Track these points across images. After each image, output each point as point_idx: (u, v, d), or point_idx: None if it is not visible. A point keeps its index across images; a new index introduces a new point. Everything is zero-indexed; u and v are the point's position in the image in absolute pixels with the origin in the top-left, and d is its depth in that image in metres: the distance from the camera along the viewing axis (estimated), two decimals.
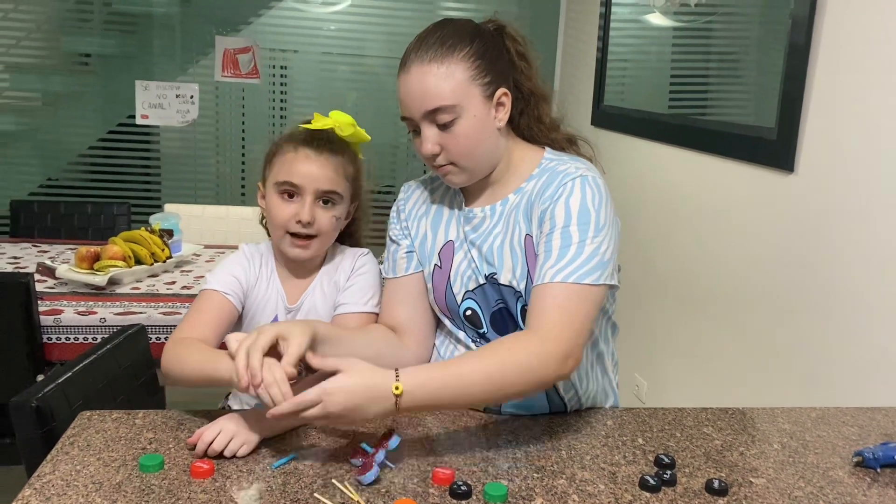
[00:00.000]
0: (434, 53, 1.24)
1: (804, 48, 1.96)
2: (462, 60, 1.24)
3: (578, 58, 3.82)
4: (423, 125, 1.27)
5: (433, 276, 1.38)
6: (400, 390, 1.06)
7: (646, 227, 2.93)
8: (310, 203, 1.38)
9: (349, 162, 1.44)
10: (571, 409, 1.37)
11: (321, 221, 1.40)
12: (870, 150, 1.78)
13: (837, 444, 1.25)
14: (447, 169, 1.31)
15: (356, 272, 1.47)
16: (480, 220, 1.35)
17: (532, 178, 1.33)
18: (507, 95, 1.30)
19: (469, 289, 1.34)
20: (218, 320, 1.38)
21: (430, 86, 1.24)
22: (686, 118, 2.73)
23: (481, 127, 1.27)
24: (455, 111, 1.24)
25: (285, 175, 1.38)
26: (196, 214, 3.24)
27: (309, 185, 1.38)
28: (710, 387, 2.46)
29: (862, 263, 1.79)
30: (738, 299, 2.30)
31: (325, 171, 1.39)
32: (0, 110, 4.09)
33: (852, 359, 1.82)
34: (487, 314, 1.33)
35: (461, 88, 1.24)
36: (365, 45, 4.20)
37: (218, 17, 4.06)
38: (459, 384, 1.12)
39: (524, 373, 1.14)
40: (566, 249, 1.21)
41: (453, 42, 1.25)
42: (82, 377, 1.41)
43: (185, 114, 3.94)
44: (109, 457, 1.08)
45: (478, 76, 1.25)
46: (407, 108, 1.28)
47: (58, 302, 2.16)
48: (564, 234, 1.22)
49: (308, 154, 1.39)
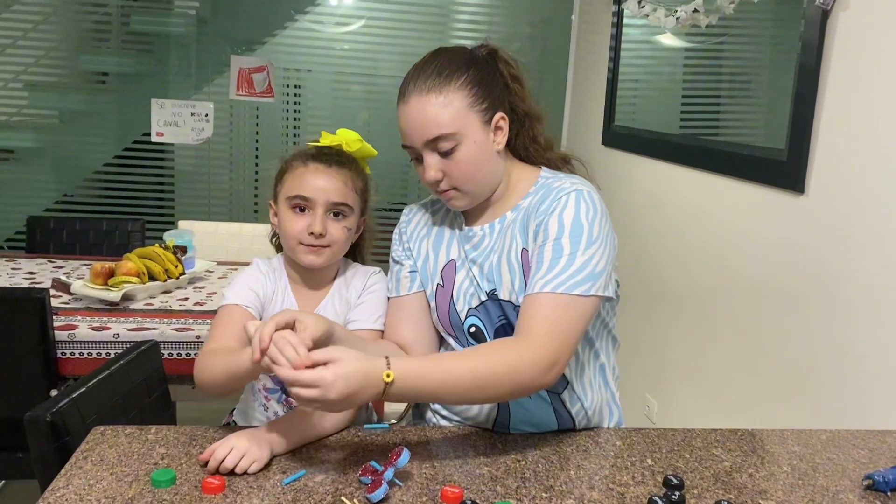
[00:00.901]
0: (432, 83, 1.28)
1: (814, 70, 1.97)
2: (460, 89, 1.28)
3: (589, 78, 3.85)
4: (425, 153, 1.31)
5: (436, 295, 1.41)
6: (391, 378, 1.09)
7: (656, 246, 2.93)
8: (321, 215, 1.40)
9: (357, 176, 1.46)
10: (579, 424, 1.37)
11: (333, 233, 1.42)
12: (879, 172, 1.78)
13: (847, 467, 1.24)
14: (450, 194, 1.35)
15: (367, 290, 1.48)
16: (480, 239, 1.38)
17: (529, 196, 1.37)
18: (505, 119, 1.34)
19: (472, 306, 1.37)
20: (242, 332, 1.39)
21: (429, 115, 1.27)
22: (696, 139, 2.74)
23: (481, 152, 1.31)
24: (455, 138, 1.28)
25: (297, 189, 1.41)
26: (209, 231, 3.26)
27: (320, 197, 1.40)
28: (721, 407, 2.45)
29: (873, 284, 1.79)
30: (748, 319, 2.29)
31: (335, 184, 1.41)
32: (18, 127, 4.15)
33: (863, 381, 1.81)
34: (491, 330, 1.36)
35: (460, 116, 1.28)
36: (377, 65, 4.25)
37: (233, 36, 4.12)
38: (445, 378, 1.15)
39: (509, 376, 1.17)
40: (557, 261, 1.24)
41: (450, 71, 1.29)
42: (96, 392, 1.43)
43: (200, 132, 3.98)
44: (122, 471, 1.09)
45: (475, 103, 1.29)
46: (408, 137, 1.32)
47: (72, 317, 2.18)
48: (556, 246, 1.26)
49: (318, 167, 1.42)
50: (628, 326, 3.05)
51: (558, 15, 4.19)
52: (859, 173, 1.85)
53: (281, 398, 1.46)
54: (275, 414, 1.47)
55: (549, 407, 1.35)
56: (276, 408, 1.47)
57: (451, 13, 4.26)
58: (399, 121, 1.32)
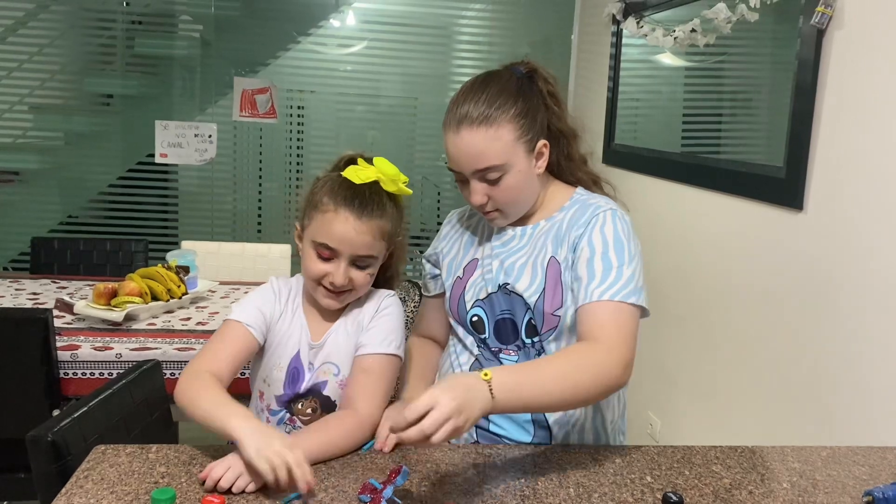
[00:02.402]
0: (483, 115, 1.33)
1: (810, 88, 1.99)
2: (509, 122, 1.34)
3: (590, 97, 3.87)
4: (472, 180, 1.38)
5: (453, 286, 1.49)
6: (489, 376, 1.13)
7: (657, 264, 2.94)
8: (344, 267, 1.38)
9: (388, 221, 1.41)
10: (556, 434, 1.40)
11: (355, 279, 1.40)
12: (877, 187, 1.79)
13: (847, 484, 1.24)
14: (493, 215, 1.43)
15: (379, 313, 1.46)
16: (510, 238, 1.46)
17: (564, 210, 1.44)
18: (546, 146, 1.42)
19: (479, 298, 1.44)
20: (237, 352, 1.39)
21: (480, 148, 1.34)
22: (696, 157, 2.76)
23: (525, 178, 1.39)
24: (503, 169, 1.35)
25: (323, 237, 1.37)
26: (212, 251, 3.28)
27: (346, 249, 1.37)
28: (725, 425, 2.44)
29: (872, 299, 1.79)
30: (750, 336, 2.29)
31: (363, 238, 1.37)
32: (23, 149, 4.18)
33: (863, 397, 1.81)
34: (492, 322, 1.43)
35: (508, 149, 1.35)
36: (380, 86, 4.28)
37: (237, 58, 4.16)
38: (541, 381, 1.20)
39: (595, 377, 1.23)
40: (608, 272, 1.32)
41: (500, 103, 1.34)
42: (97, 412, 1.44)
43: (204, 153, 4.01)
44: (123, 490, 1.10)
45: (522, 136, 1.36)
46: (457, 163, 1.38)
47: (75, 337, 2.20)
48: (605, 259, 1.33)
49: (348, 217, 1.36)
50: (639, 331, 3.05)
51: (558, 35, 4.23)
52: (857, 189, 1.86)
53: (283, 418, 1.45)
54: None
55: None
56: (279, 428, 1.46)
57: (452, 34, 4.30)
58: (447, 146, 1.38)
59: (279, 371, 1.43)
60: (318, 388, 1.43)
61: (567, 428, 1.41)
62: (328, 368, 1.43)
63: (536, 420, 1.40)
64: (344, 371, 1.43)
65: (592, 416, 1.43)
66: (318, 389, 1.43)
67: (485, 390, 1.12)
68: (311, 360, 1.44)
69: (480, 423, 1.40)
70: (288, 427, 1.45)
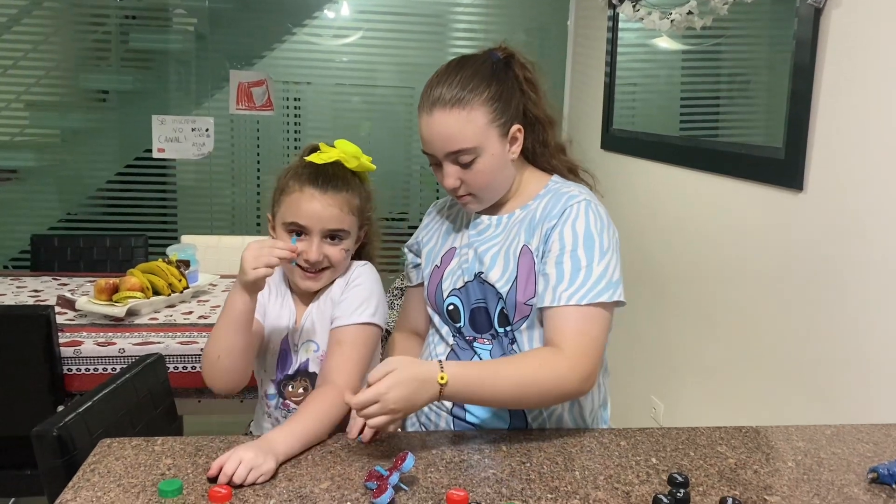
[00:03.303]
0: (456, 98, 1.32)
1: (809, 68, 1.98)
2: (482, 105, 1.33)
3: (587, 83, 3.86)
4: (445, 163, 1.37)
5: (431, 274, 1.49)
6: (445, 380, 1.17)
7: (658, 248, 2.94)
8: (317, 243, 1.42)
9: (354, 195, 1.46)
10: (532, 421, 1.40)
11: (331, 255, 1.44)
12: (877, 166, 1.79)
13: (852, 461, 1.24)
14: (466, 199, 1.42)
15: (350, 285, 1.48)
16: (485, 227, 1.46)
17: (538, 198, 1.43)
18: (521, 131, 1.40)
19: (456, 287, 1.44)
20: None
21: (452, 130, 1.33)
22: (695, 140, 2.75)
23: (498, 163, 1.38)
24: (475, 152, 1.34)
25: (292, 216, 1.42)
26: (212, 245, 3.28)
27: (315, 224, 1.41)
28: (727, 407, 2.45)
29: (873, 278, 1.79)
30: (751, 318, 2.29)
31: (330, 211, 1.42)
32: (20, 147, 4.17)
33: (866, 375, 1.81)
34: (467, 311, 1.43)
35: (481, 132, 1.34)
36: (376, 76, 4.27)
37: (232, 51, 4.15)
38: (494, 383, 1.23)
39: (550, 387, 1.26)
40: (577, 273, 1.31)
41: (473, 86, 1.33)
42: (102, 407, 1.44)
43: (201, 147, 4.00)
44: (129, 483, 1.10)
45: (496, 119, 1.35)
46: (430, 146, 1.37)
47: (77, 333, 2.20)
48: (574, 258, 1.32)
49: (313, 193, 1.41)
50: (632, 329, 3.05)
51: (554, 21, 4.21)
52: (857, 169, 1.85)
53: (279, 403, 1.50)
54: (276, 420, 1.50)
55: None
56: (277, 414, 1.51)
57: (448, 22, 4.28)
58: (421, 129, 1.37)
59: (272, 356, 1.49)
60: (305, 366, 1.48)
61: (542, 418, 1.41)
62: (308, 346, 1.48)
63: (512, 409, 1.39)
64: (323, 346, 1.47)
65: (570, 407, 1.43)
66: (305, 368, 1.48)
67: (434, 387, 1.17)
68: (295, 340, 1.49)
69: (456, 413, 1.42)
70: (283, 412, 1.50)
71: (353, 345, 1.41)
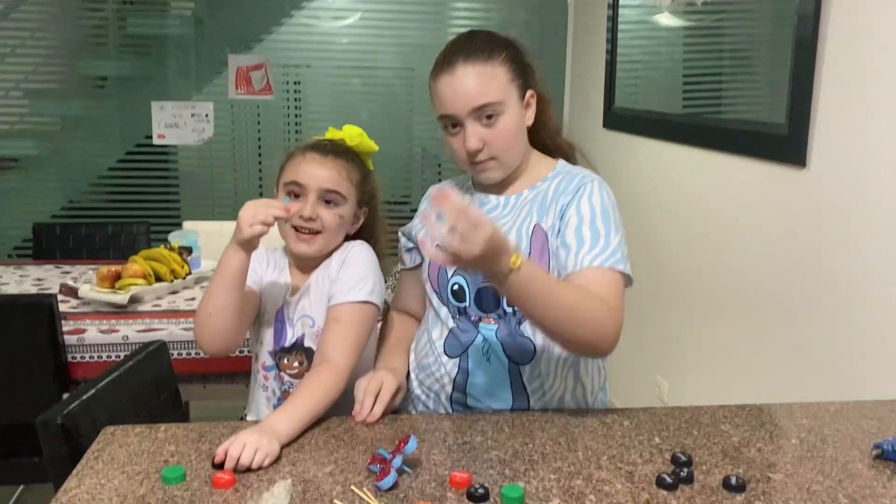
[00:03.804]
0: (478, 56, 1.34)
1: (811, 43, 1.96)
2: (503, 63, 1.36)
3: (588, 61, 3.83)
4: (468, 122, 1.35)
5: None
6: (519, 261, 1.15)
7: (661, 227, 2.92)
8: (312, 201, 1.45)
9: (354, 167, 1.51)
10: (534, 404, 1.40)
11: (325, 218, 1.46)
12: (880, 141, 1.77)
13: (856, 438, 1.24)
14: (488, 164, 1.39)
15: (346, 263, 1.49)
16: (493, 207, 1.45)
17: (547, 180, 1.44)
18: (534, 97, 1.42)
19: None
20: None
21: (478, 83, 1.33)
22: (697, 117, 2.73)
23: (518, 124, 1.39)
24: (499, 108, 1.34)
25: (292, 176, 1.47)
26: (214, 231, 3.27)
27: (312, 183, 1.45)
28: (732, 385, 2.45)
29: (877, 255, 1.78)
30: (755, 295, 2.29)
31: (328, 172, 1.47)
32: (21, 135, 4.17)
33: (871, 352, 1.81)
34: (473, 290, 1.41)
35: (504, 88, 1.35)
36: (376, 58, 4.24)
37: (230, 35, 4.12)
38: (556, 291, 1.23)
39: (594, 319, 1.25)
40: (597, 239, 1.32)
41: (492, 47, 1.36)
42: (106, 394, 1.44)
43: (201, 132, 3.99)
44: (133, 470, 1.10)
45: (515, 78, 1.37)
46: (452, 105, 1.35)
47: (81, 321, 2.20)
48: (593, 228, 1.34)
49: (314, 156, 1.48)
50: (636, 308, 3.05)
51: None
52: (860, 143, 1.84)
53: (276, 375, 1.52)
54: (272, 392, 1.53)
55: (506, 373, 1.39)
56: (273, 385, 1.53)
57: (447, 2, 4.25)
58: (440, 92, 1.36)
59: (268, 327, 1.52)
60: (301, 341, 1.49)
61: (545, 399, 1.41)
62: (305, 321, 1.49)
63: (514, 390, 1.40)
64: (319, 322, 1.48)
65: (573, 388, 1.43)
66: (301, 343, 1.49)
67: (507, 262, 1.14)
68: (290, 314, 1.50)
69: (456, 399, 1.42)
70: (279, 383, 1.52)
71: (350, 323, 1.42)
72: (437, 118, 1.39)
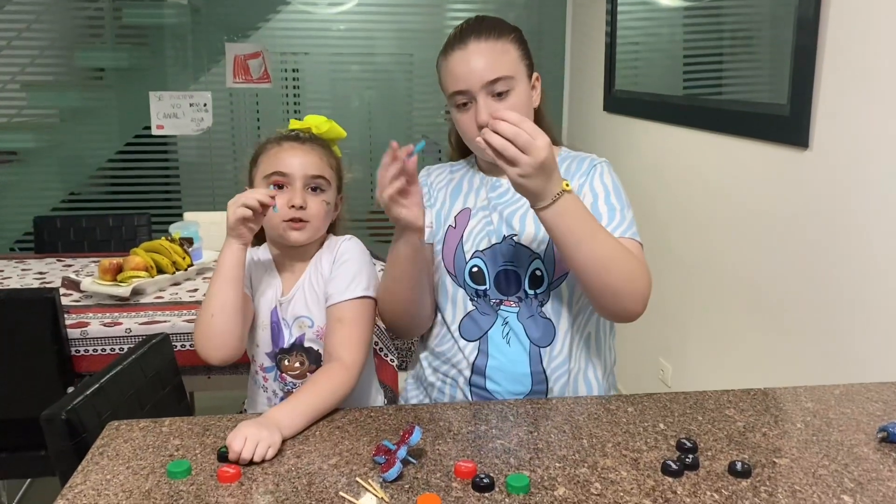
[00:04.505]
0: (489, 33, 1.37)
1: (813, 22, 1.94)
2: (512, 42, 1.39)
3: (587, 44, 3.80)
4: (480, 96, 1.35)
5: (446, 235, 1.48)
6: (569, 187, 1.21)
7: (662, 209, 2.91)
8: (300, 189, 1.44)
9: (332, 154, 1.52)
10: (552, 384, 1.41)
11: (312, 206, 1.45)
12: (882, 121, 1.76)
13: (862, 421, 1.24)
14: None
15: (338, 261, 1.48)
16: (504, 191, 1.46)
17: None
18: (539, 80, 1.45)
19: (479, 248, 1.43)
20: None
21: (492, 58, 1.35)
22: (698, 99, 2.71)
23: (527, 102, 1.40)
24: (511, 83, 1.36)
25: (274, 166, 1.44)
26: (215, 221, 3.26)
27: (297, 171, 1.44)
28: (735, 367, 2.45)
29: (880, 235, 1.77)
30: (758, 277, 2.28)
31: (310, 158, 1.46)
32: (19, 128, 4.16)
33: (874, 333, 1.80)
34: (493, 273, 1.42)
35: (515, 64, 1.38)
36: (374, 44, 4.22)
37: (227, 24, 4.10)
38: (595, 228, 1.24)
39: (629, 271, 1.28)
40: (614, 214, 1.38)
41: (502, 27, 1.40)
42: (110, 388, 1.44)
43: (200, 122, 3.98)
44: (138, 465, 1.10)
45: (523, 57, 1.41)
46: (465, 80, 1.36)
47: (84, 315, 2.20)
48: (608, 203, 1.39)
49: (293, 145, 1.47)
50: None
51: None
52: (862, 124, 1.82)
53: (276, 376, 1.51)
54: (273, 393, 1.52)
55: (526, 356, 1.41)
56: (274, 386, 1.52)
57: None
58: (451, 68, 1.37)
59: (263, 329, 1.50)
60: (300, 341, 1.49)
61: (563, 380, 1.42)
62: (303, 322, 1.48)
63: (534, 372, 1.41)
64: (317, 322, 1.47)
65: (585, 368, 1.45)
66: (300, 343, 1.49)
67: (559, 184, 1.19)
68: (284, 315, 1.49)
69: (475, 382, 1.43)
70: (280, 384, 1.51)
71: (353, 321, 1.42)
72: (448, 97, 1.40)
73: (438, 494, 1.00)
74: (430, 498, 0.99)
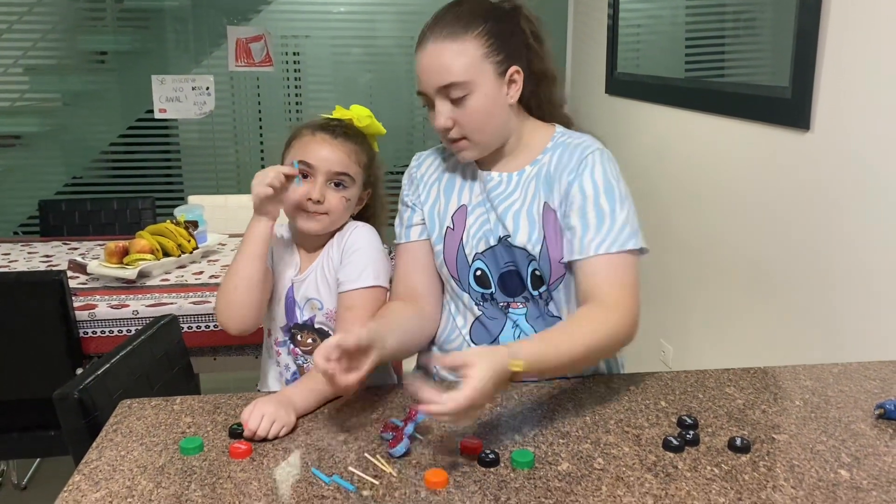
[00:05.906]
0: (449, 31, 1.30)
1: (815, 4, 1.94)
2: (476, 38, 1.29)
3: (590, 26, 3.80)
4: (437, 100, 1.32)
5: (445, 238, 1.43)
6: (520, 366, 1.09)
7: (664, 192, 2.93)
8: (321, 183, 1.46)
9: (363, 150, 1.52)
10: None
11: (331, 201, 1.47)
12: (884, 104, 1.77)
13: (859, 398, 1.26)
14: (461, 144, 1.36)
15: (349, 248, 1.49)
16: (497, 184, 1.40)
17: (547, 152, 1.40)
18: (519, 73, 1.34)
19: (479, 251, 1.39)
20: None
21: (444, 62, 1.29)
22: (700, 81, 2.72)
23: (493, 103, 1.32)
24: (467, 87, 1.29)
25: (301, 156, 1.46)
26: (219, 204, 3.29)
27: (322, 165, 1.45)
28: (736, 348, 2.47)
29: (879, 218, 1.79)
30: (759, 259, 2.30)
31: (338, 155, 1.47)
32: (23, 112, 4.16)
33: (873, 313, 1.82)
34: (496, 275, 1.39)
35: (474, 66, 1.29)
36: (376, 27, 4.21)
37: (228, 7, 4.09)
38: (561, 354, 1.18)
39: (609, 344, 1.25)
40: (602, 222, 1.30)
41: (468, 20, 1.30)
42: (120, 368, 1.47)
43: (202, 105, 3.98)
44: (151, 441, 1.13)
45: (490, 54, 1.30)
46: (422, 82, 1.33)
47: (91, 297, 2.22)
48: (597, 207, 1.31)
49: (324, 137, 1.48)
50: (640, 272, 3.06)
51: None
52: (864, 107, 1.83)
53: (290, 350, 1.54)
54: (286, 367, 1.55)
55: None
56: (287, 360, 1.55)
57: None
58: (416, 66, 1.34)
59: (278, 305, 1.53)
60: (311, 321, 1.51)
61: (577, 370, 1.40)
62: (314, 303, 1.51)
63: None
64: (327, 304, 1.50)
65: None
66: (311, 324, 1.51)
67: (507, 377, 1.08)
68: (297, 295, 1.52)
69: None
70: (293, 357, 1.54)
71: (363, 308, 1.44)
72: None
73: (445, 470, 1.03)
74: (437, 473, 1.01)
